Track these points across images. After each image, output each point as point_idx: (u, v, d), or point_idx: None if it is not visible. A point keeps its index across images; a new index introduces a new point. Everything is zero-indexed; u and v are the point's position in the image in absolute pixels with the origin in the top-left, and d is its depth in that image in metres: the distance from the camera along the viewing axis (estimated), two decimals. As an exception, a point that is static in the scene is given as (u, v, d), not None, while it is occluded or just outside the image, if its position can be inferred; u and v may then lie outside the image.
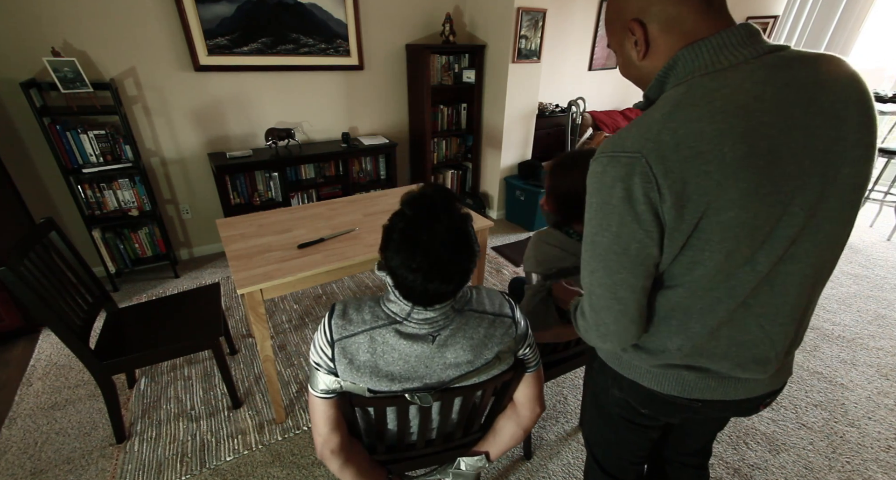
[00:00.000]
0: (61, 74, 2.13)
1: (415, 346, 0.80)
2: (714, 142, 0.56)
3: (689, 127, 0.57)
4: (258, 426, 1.75)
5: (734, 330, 0.70)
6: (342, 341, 0.80)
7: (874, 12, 3.68)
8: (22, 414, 1.80)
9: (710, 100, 0.58)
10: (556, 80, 4.04)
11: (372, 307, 0.83)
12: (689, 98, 0.59)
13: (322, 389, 0.83)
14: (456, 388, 0.85)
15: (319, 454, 0.89)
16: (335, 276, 1.64)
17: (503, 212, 3.82)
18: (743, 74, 0.58)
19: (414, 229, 0.73)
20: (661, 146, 0.58)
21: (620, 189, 0.61)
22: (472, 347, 0.83)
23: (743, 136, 0.56)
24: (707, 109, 0.57)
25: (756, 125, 0.57)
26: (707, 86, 0.59)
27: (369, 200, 2.22)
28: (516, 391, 0.98)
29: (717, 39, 0.61)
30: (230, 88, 2.74)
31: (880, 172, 3.64)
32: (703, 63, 0.61)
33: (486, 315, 0.85)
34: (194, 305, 1.84)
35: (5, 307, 2.13)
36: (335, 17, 2.88)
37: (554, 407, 1.87)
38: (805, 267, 0.66)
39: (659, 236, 0.63)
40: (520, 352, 0.91)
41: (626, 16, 0.66)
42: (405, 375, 0.81)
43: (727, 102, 0.57)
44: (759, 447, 1.70)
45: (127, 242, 2.69)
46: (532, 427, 1.02)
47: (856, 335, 2.35)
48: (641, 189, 0.59)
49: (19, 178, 2.35)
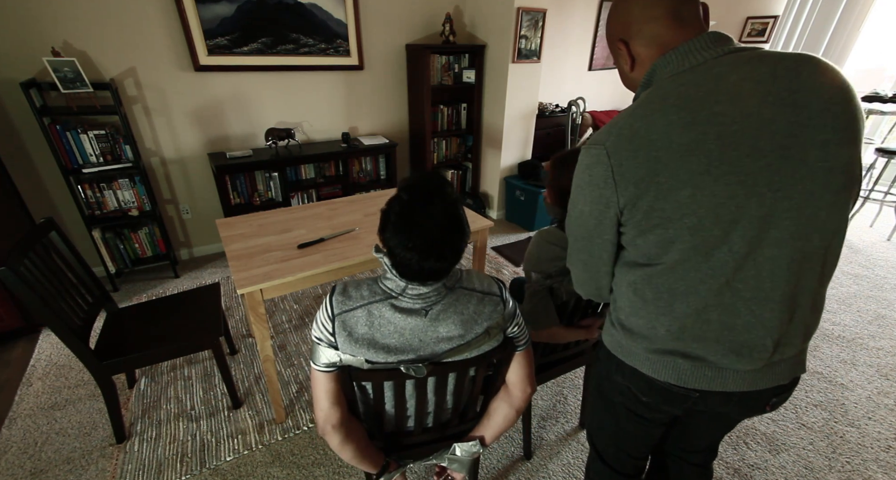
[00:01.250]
0: (61, 74, 2.13)
1: (409, 319, 0.85)
2: (663, 131, 0.67)
3: (644, 120, 0.69)
4: (258, 426, 1.75)
5: (724, 314, 0.73)
6: (342, 315, 0.85)
7: (874, 12, 3.68)
8: (22, 414, 1.80)
9: (664, 97, 0.68)
10: (556, 80, 4.04)
11: (370, 284, 0.89)
12: (648, 97, 0.71)
13: (324, 362, 0.88)
14: (449, 363, 0.90)
15: (321, 430, 0.93)
16: (335, 276, 1.64)
17: (503, 212, 3.82)
18: (701, 73, 0.68)
19: (410, 211, 0.80)
20: (619, 138, 0.70)
21: (587, 175, 0.76)
22: (463, 322, 0.88)
23: (691, 124, 0.65)
24: (660, 105, 0.68)
25: (708, 115, 0.65)
26: (665, 86, 0.70)
27: (369, 200, 2.22)
28: (507, 372, 1.02)
29: (684, 47, 0.71)
30: (230, 88, 2.74)
31: (880, 172, 3.64)
32: (672, 68, 0.71)
33: (475, 293, 0.91)
34: (194, 305, 1.84)
35: (5, 307, 2.13)
36: (335, 17, 2.88)
37: (554, 407, 1.87)
38: (792, 251, 0.68)
39: (615, 214, 0.75)
40: (508, 329, 0.96)
41: (614, 38, 0.80)
42: (400, 347, 0.86)
43: (680, 98, 0.67)
44: (759, 447, 1.70)
45: (127, 242, 2.69)
46: (524, 407, 1.06)
47: (856, 335, 2.35)
48: (601, 175, 0.73)
49: (19, 178, 2.36)
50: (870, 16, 3.68)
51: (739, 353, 0.75)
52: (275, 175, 2.88)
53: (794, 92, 0.63)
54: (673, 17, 0.72)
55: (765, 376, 0.78)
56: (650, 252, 0.74)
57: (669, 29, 0.73)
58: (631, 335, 0.83)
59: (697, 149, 0.65)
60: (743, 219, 0.66)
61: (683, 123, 0.66)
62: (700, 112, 0.65)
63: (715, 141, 0.64)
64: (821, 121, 0.63)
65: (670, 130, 0.66)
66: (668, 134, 0.66)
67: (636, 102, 0.73)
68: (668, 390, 0.83)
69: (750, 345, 0.74)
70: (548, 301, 1.22)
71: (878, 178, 3.60)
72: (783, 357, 0.77)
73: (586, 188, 0.77)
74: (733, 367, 0.76)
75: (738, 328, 0.73)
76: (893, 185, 3.68)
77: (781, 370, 0.79)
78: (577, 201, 0.81)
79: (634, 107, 0.71)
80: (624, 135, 0.70)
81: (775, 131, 0.63)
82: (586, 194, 0.77)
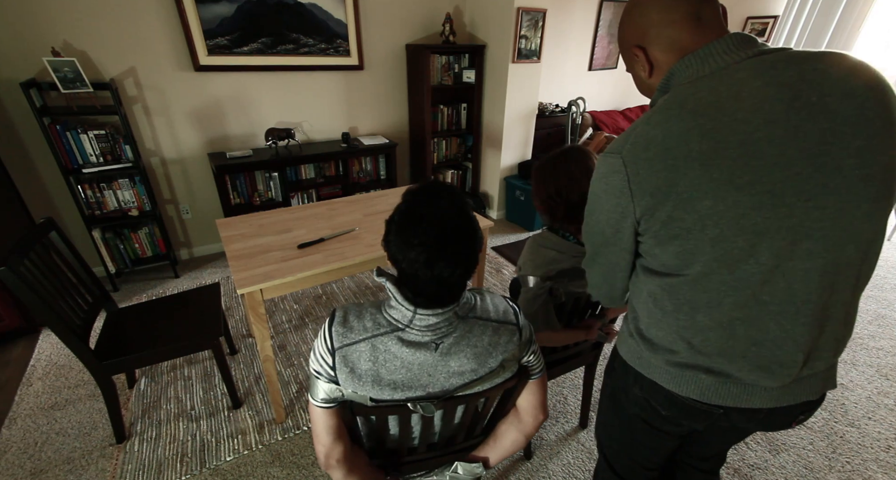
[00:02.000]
0: (61, 74, 2.13)
1: (417, 354, 0.78)
2: (680, 138, 0.63)
3: (661, 127, 0.66)
4: (258, 426, 1.75)
5: (751, 329, 0.69)
6: (343, 349, 0.78)
7: (874, 12, 3.68)
8: (22, 414, 1.80)
9: (682, 103, 0.65)
10: (556, 80, 4.04)
11: (373, 313, 0.81)
12: (666, 104, 0.67)
13: (323, 398, 0.81)
14: (459, 397, 0.83)
15: (323, 464, 0.87)
16: (335, 276, 1.64)
17: (503, 212, 3.82)
18: (722, 78, 0.64)
19: (415, 207, 0.74)
20: (635, 147, 0.68)
21: (604, 183, 0.74)
22: (476, 356, 0.81)
23: (711, 131, 0.62)
24: (677, 111, 0.65)
25: (729, 121, 0.62)
26: (684, 92, 0.67)
27: (369, 200, 2.22)
28: (519, 398, 0.97)
29: (704, 50, 0.67)
30: (230, 88, 2.74)
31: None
32: (692, 72, 0.68)
33: (490, 323, 0.83)
34: (194, 305, 1.84)
35: (5, 307, 2.13)
36: (335, 17, 2.88)
37: (554, 407, 1.87)
38: (825, 263, 0.64)
39: (632, 223, 0.73)
40: (524, 359, 0.90)
41: (630, 44, 0.77)
42: (408, 383, 0.79)
43: (699, 103, 0.64)
44: (759, 447, 1.70)
45: (127, 242, 2.69)
46: (534, 433, 1.01)
47: (856, 334, 2.35)
48: (617, 184, 0.70)
49: (19, 178, 2.35)
50: (870, 16, 3.68)
51: (768, 369, 0.71)
52: (275, 175, 2.88)
53: (823, 96, 0.59)
54: (692, 19, 0.69)
55: (793, 391, 0.75)
56: (669, 263, 0.71)
57: (689, 32, 0.69)
58: (650, 346, 0.80)
59: (718, 157, 0.62)
60: (770, 230, 0.63)
61: (702, 129, 0.62)
62: (720, 119, 0.62)
63: (737, 149, 0.61)
64: (855, 126, 0.59)
65: (689, 138, 0.63)
66: (687, 141, 0.63)
67: (652, 109, 0.70)
68: (690, 405, 0.79)
69: (779, 361, 0.70)
70: (548, 305, 1.21)
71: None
72: (813, 372, 0.74)
73: (603, 197, 0.75)
74: (761, 383, 0.73)
75: (767, 343, 0.69)
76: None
77: (811, 385, 0.75)
78: (594, 209, 0.79)
79: (651, 113, 0.69)
80: (640, 143, 0.67)
81: (805, 139, 0.60)
82: (603, 203, 0.75)
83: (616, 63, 4.38)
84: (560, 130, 3.97)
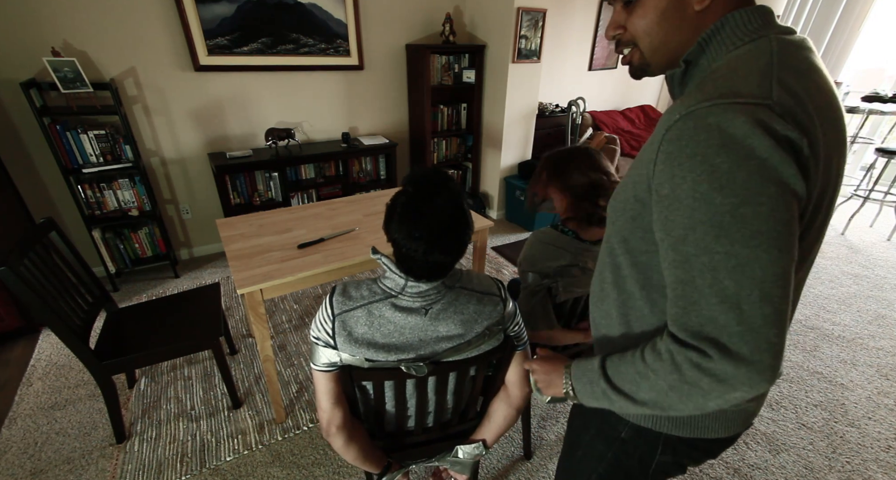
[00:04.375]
0: (61, 73, 2.13)
1: (409, 318, 0.86)
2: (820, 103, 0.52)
3: (800, 81, 0.51)
4: (258, 426, 1.75)
5: None
6: (342, 315, 0.86)
7: (874, 12, 3.68)
8: (22, 414, 1.80)
9: (797, 65, 0.52)
10: (556, 80, 4.04)
11: (370, 285, 0.89)
12: (780, 53, 0.52)
13: (324, 362, 0.88)
14: (450, 362, 0.90)
15: (325, 432, 0.95)
16: (335, 276, 1.64)
17: (503, 212, 3.82)
18: (795, 52, 0.53)
19: (416, 203, 0.81)
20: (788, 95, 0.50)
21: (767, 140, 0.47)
22: (463, 322, 0.89)
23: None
24: (805, 68, 0.52)
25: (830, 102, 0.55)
26: (783, 51, 0.52)
27: (369, 200, 2.22)
28: (506, 372, 1.03)
29: (752, 11, 0.55)
30: (230, 88, 2.74)
31: (880, 172, 3.64)
32: (750, 29, 0.54)
33: (474, 293, 0.92)
34: (194, 305, 1.84)
35: (5, 307, 2.13)
36: (335, 17, 2.88)
37: (554, 407, 1.87)
38: (809, 265, 0.62)
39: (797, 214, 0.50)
40: (508, 329, 0.97)
41: None
42: (400, 346, 0.86)
43: (813, 72, 0.53)
44: (759, 447, 1.70)
45: (127, 242, 2.68)
46: (523, 406, 1.07)
47: (856, 335, 2.35)
48: (779, 154, 0.47)
49: (19, 178, 2.35)
50: (870, 16, 3.68)
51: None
52: (275, 175, 2.88)
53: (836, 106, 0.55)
54: None
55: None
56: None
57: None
58: None
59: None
60: (813, 230, 0.56)
61: (827, 102, 0.52)
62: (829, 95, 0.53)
63: (824, 137, 0.51)
64: (841, 136, 0.56)
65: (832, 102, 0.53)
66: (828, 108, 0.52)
67: (759, 53, 0.52)
68: (727, 441, 0.70)
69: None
70: (546, 303, 1.22)
71: (878, 178, 3.60)
72: None
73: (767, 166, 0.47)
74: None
75: None
76: (893, 185, 3.68)
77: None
78: (736, 201, 0.47)
79: (766, 63, 0.51)
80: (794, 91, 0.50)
81: (836, 146, 0.55)
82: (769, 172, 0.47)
83: (616, 63, 4.38)
84: (560, 130, 3.97)
